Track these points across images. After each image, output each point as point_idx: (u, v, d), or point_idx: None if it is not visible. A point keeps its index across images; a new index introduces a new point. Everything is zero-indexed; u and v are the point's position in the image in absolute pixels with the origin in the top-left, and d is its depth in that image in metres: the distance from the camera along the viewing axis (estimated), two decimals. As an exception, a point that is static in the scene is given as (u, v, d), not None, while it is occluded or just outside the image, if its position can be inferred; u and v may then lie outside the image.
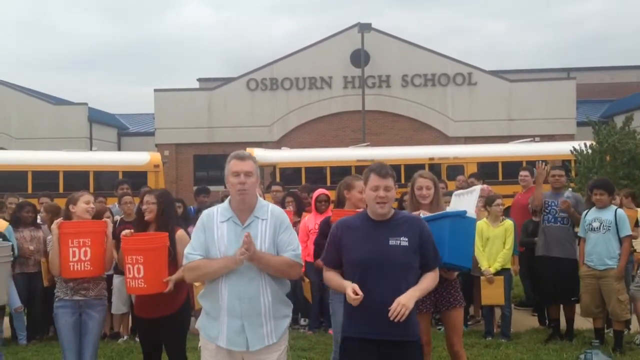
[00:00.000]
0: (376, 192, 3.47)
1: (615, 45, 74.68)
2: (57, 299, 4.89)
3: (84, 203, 4.98)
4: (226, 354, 3.46)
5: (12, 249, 5.10)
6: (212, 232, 3.49)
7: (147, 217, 4.83)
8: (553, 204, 7.09)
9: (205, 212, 3.63)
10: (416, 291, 3.42)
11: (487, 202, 7.28)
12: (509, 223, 7.22)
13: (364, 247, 3.46)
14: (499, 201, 7.24)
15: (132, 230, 4.73)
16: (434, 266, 3.60)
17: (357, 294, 3.33)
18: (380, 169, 3.53)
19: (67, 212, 5.00)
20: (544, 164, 7.35)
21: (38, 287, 7.19)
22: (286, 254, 3.48)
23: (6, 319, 7.37)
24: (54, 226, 4.85)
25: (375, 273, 3.40)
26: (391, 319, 3.29)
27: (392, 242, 3.43)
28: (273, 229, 3.50)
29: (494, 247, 7.12)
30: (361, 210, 4.93)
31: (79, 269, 4.72)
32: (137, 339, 7.17)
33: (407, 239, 3.45)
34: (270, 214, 3.53)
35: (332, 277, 3.63)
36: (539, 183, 7.21)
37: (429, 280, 3.56)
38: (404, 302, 3.32)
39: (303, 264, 3.65)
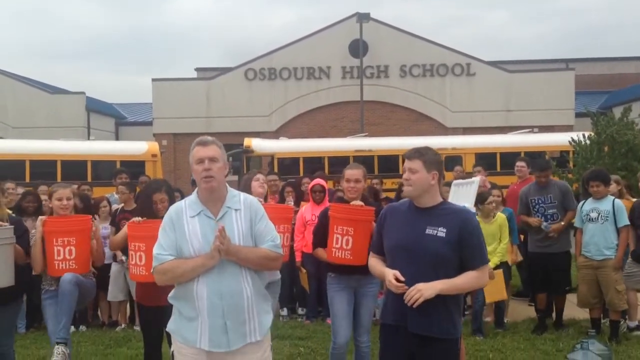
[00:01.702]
0: (404, 173, 3.40)
1: (615, 37, 74.60)
2: (43, 291, 4.85)
3: (57, 200, 4.88)
4: (205, 356, 3.20)
5: (27, 234, 5.00)
6: (183, 229, 3.22)
7: (162, 214, 4.73)
8: (540, 201, 7.00)
9: (172, 208, 3.36)
10: (441, 283, 3.20)
11: (478, 199, 7.14)
12: (501, 217, 7.02)
13: (400, 233, 3.36)
14: (491, 199, 7.01)
15: (142, 218, 4.63)
16: (477, 265, 3.30)
17: (399, 281, 3.23)
18: (409, 151, 3.43)
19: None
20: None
21: (36, 276, 7.17)
22: (265, 245, 3.26)
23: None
24: (38, 222, 4.80)
25: (406, 261, 3.28)
26: (405, 301, 3.18)
27: (428, 231, 3.28)
28: (249, 220, 3.27)
29: (489, 245, 6.74)
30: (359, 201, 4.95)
31: (64, 267, 4.66)
32: (136, 327, 7.21)
33: (445, 230, 3.25)
34: (243, 204, 3.30)
35: (374, 264, 3.53)
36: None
37: (466, 279, 3.28)
38: (421, 288, 3.15)
39: (283, 253, 3.48)
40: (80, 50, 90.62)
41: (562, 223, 6.87)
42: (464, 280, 3.28)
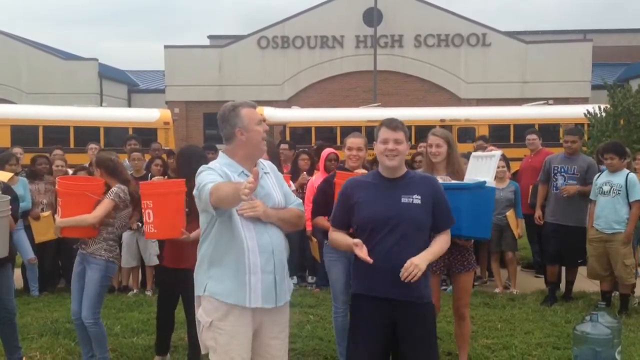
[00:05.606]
0: (385, 145, 3.35)
1: (634, 8, 73.02)
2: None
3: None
4: (250, 316, 3.15)
5: (17, 202, 5.01)
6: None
7: None
8: (563, 170, 6.98)
9: (213, 164, 3.25)
10: (429, 254, 3.31)
11: None
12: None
13: (376, 205, 3.35)
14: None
15: (165, 177, 4.76)
16: (446, 228, 3.46)
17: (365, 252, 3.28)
18: (391, 122, 3.42)
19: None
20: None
21: (44, 243, 7.24)
22: (292, 205, 3.33)
23: (18, 271, 7.50)
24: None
25: (386, 231, 3.29)
26: (402, 278, 3.19)
27: (404, 199, 3.32)
28: (278, 181, 3.35)
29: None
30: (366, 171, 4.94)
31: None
32: (147, 293, 7.31)
33: (420, 197, 3.32)
34: (269, 167, 3.39)
35: (337, 237, 3.52)
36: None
37: (441, 244, 3.43)
38: (417, 263, 3.20)
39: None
40: (94, 16, 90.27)
41: (578, 187, 6.80)
42: (440, 246, 3.43)
